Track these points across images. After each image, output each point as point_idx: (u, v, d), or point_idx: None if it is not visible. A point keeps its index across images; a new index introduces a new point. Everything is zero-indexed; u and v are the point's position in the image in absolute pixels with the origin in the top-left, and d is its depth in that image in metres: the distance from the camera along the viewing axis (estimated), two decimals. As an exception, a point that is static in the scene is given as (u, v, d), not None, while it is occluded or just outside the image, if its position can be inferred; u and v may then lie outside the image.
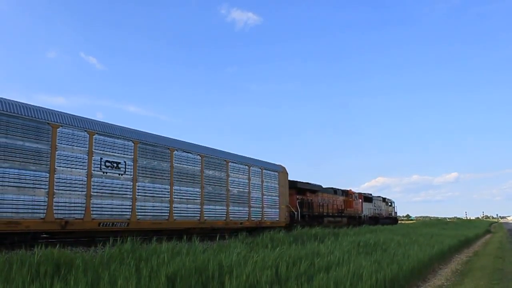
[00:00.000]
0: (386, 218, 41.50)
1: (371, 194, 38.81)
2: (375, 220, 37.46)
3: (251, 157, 19.01)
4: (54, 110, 11.17)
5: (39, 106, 10.86)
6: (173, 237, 10.51)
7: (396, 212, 48.24)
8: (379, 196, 41.79)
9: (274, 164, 20.66)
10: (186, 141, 15.33)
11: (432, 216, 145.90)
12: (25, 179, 9.96)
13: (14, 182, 9.72)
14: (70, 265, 6.39)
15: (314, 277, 6.90)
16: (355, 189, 39.08)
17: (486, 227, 49.16)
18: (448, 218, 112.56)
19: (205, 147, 16.15)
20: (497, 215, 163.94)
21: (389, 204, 45.06)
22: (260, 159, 19.70)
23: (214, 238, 13.14)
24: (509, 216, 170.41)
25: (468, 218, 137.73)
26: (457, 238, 20.83)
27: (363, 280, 6.95)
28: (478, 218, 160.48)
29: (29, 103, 10.51)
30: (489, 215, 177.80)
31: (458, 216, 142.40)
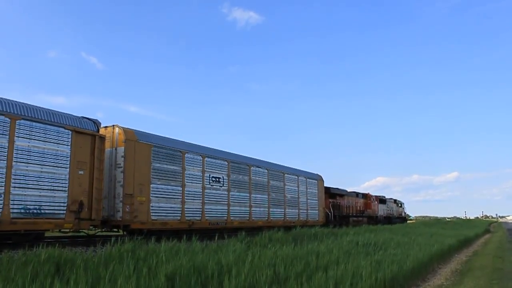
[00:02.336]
0: (397, 218, 45.62)
1: (384, 197, 42.73)
2: (388, 219, 41.12)
3: (298, 168, 23.42)
4: (183, 141, 15.22)
5: (174, 139, 14.84)
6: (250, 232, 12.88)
7: (405, 212, 53.43)
8: (391, 198, 46.12)
9: (314, 173, 25.19)
10: (257, 158, 19.75)
11: (432, 215, 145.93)
12: (169, 192, 13.85)
13: (164, 194, 13.61)
14: (70, 264, 6.39)
15: (313, 276, 6.90)
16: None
17: (485, 226, 49.20)
18: (448, 218, 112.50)
19: (269, 162, 20.48)
20: (496, 214, 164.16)
21: (399, 205, 49.36)
22: (301, 168, 23.81)
23: (213, 238, 13.27)
24: (508, 216, 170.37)
25: (468, 217, 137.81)
26: (457, 237, 20.84)
27: (363, 279, 6.94)
28: (477, 217, 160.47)
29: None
30: (488, 215, 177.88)
31: (457, 216, 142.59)
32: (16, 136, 9.59)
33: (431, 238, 18.35)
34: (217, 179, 15.93)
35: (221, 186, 16.11)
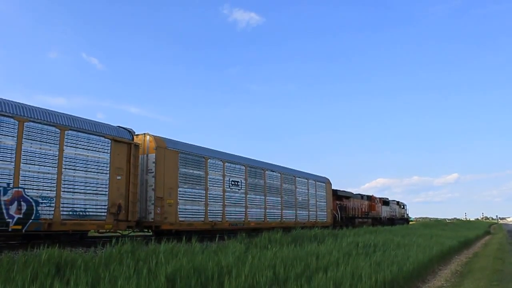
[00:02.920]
0: (400, 219, 46.48)
1: (387, 199, 43.85)
2: (392, 221, 41.91)
3: (307, 171, 24.74)
4: (206, 148, 16.27)
5: (198, 146, 15.89)
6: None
7: (408, 214, 53.94)
8: (394, 200, 47.13)
9: (322, 176, 26.34)
10: (271, 162, 20.73)
11: (432, 217, 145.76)
12: (194, 195, 14.81)
13: (190, 197, 14.62)
14: (70, 265, 6.39)
15: (313, 277, 6.90)
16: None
17: (485, 228, 49.15)
18: (448, 219, 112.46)
19: (282, 166, 21.49)
20: (496, 216, 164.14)
21: (402, 206, 50.31)
22: (308, 171, 25.07)
23: (213, 239, 13.34)
24: (508, 217, 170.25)
25: (468, 219, 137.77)
26: (457, 239, 20.83)
27: (362, 280, 6.94)
28: (477, 219, 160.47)
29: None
30: (488, 216, 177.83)
31: (457, 217, 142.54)
32: (65, 145, 10.71)
33: (431, 240, 18.34)
34: (236, 183, 17.15)
35: (239, 189, 17.34)
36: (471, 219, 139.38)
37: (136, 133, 13.27)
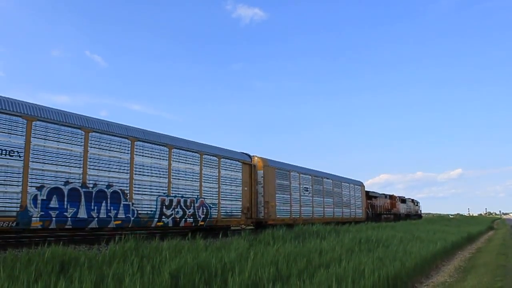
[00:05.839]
0: (414, 215, 53.63)
1: (404, 197, 49.74)
2: (408, 216, 48.39)
3: (348, 177, 29.93)
4: (290, 164, 21.39)
5: (285, 162, 20.96)
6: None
7: (421, 210, 62.73)
8: (409, 198, 53.66)
9: (359, 181, 31.86)
10: (326, 172, 25.94)
11: (435, 212, 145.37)
12: (284, 199, 19.89)
13: (282, 201, 19.55)
14: (74, 263, 6.42)
15: (315, 273, 6.90)
16: None
17: (488, 223, 49.03)
18: (451, 215, 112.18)
19: (333, 174, 26.78)
20: (500, 211, 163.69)
21: (416, 204, 57.59)
22: (345, 176, 29.78)
23: (217, 236, 13.42)
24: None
25: (471, 214, 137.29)
26: (460, 234, 20.80)
27: (365, 276, 6.94)
28: (480, 214, 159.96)
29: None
30: (492, 212, 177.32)
31: (460, 213, 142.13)
32: (222, 168, 15.83)
33: (434, 235, 18.32)
34: (306, 189, 22.34)
35: (309, 194, 22.46)
36: (474, 215, 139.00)
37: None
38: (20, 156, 9.30)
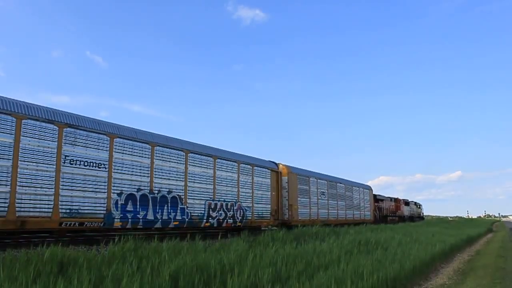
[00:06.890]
0: (417, 217, 56.30)
1: (408, 200, 52.30)
2: (411, 218, 50.86)
3: (357, 181, 32.05)
4: (309, 170, 23.63)
5: (305, 169, 23.03)
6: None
7: (423, 213, 65.59)
8: (412, 201, 56.33)
9: (367, 185, 34.33)
10: (340, 177, 28.44)
11: (434, 215, 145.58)
12: (304, 202, 21.89)
13: (303, 204, 21.61)
14: (73, 263, 6.41)
15: (314, 275, 6.90)
16: None
17: (488, 226, 49.01)
18: (450, 217, 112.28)
19: (345, 179, 28.85)
20: (499, 214, 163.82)
21: (418, 206, 60.64)
22: (351, 179, 31.60)
23: (216, 237, 13.44)
24: (511, 215, 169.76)
25: (470, 217, 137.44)
26: (459, 237, 20.78)
27: (364, 278, 6.94)
28: (480, 217, 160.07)
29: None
30: (491, 214, 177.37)
31: (460, 215, 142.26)
32: (254, 175, 17.92)
33: (433, 237, 18.31)
34: (323, 193, 24.40)
35: (325, 197, 24.56)
36: (473, 217, 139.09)
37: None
38: (105, 168, 11.22)
